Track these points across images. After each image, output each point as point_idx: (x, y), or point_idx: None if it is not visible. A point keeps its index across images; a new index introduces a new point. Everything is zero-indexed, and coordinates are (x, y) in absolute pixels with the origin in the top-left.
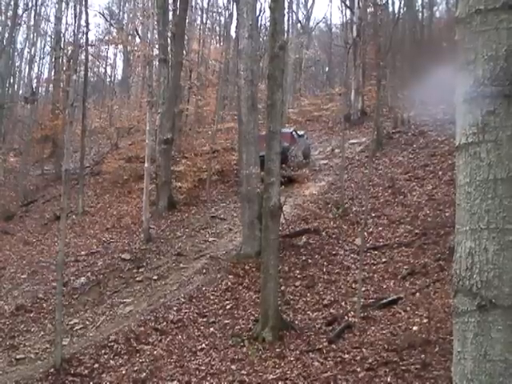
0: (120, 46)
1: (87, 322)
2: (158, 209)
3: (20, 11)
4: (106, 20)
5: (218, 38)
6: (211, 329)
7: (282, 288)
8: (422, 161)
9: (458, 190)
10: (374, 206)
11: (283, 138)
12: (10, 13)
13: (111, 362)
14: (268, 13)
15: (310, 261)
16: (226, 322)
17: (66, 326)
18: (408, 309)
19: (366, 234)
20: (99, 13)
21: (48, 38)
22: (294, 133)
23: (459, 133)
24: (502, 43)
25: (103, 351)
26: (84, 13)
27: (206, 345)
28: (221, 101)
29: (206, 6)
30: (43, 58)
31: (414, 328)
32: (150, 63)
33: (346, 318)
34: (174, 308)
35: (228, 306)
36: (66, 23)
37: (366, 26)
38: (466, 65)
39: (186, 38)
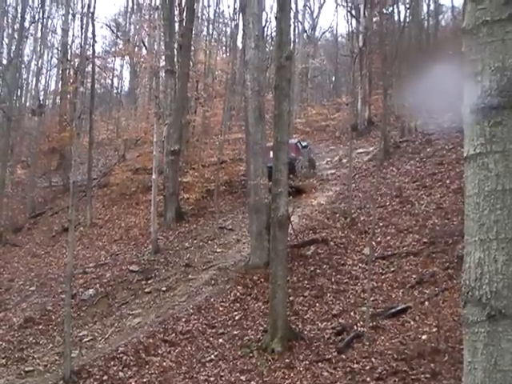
0: (127, 58)
1: (96, 334)
2: (166, 220)
3: (27, 24)
4: (113, 32)
5: (224, 48)
6: (220, 340)
7: (291, 298)
8: (429, 169)
9: (467, 201)
10: (381, 215)
11: (289, 148)
12: (16, 25)
13: (120, 373)
14: (274, 23)
15: (318, 271)
16: (235, 332)
17: (74, 338)
18: (417, 318)
19: (374, 243)
20: (106, 25)
21: (55, 50)
22: (298, 143)
23: (467, 143)
24: (509, 54)
25: (112, 363)
26: (91, 25)
27: (215, 356)
28: (228, 111)
29: (212, 16)
30: (50, 70)
31: (424, 337)
32: (157, 74)
33: (355, 327)
34: (183, 319)
35: (237, 317)
36: (73, 35)
37: (371, 35)
38: (473, 76)
39: (193, 48)
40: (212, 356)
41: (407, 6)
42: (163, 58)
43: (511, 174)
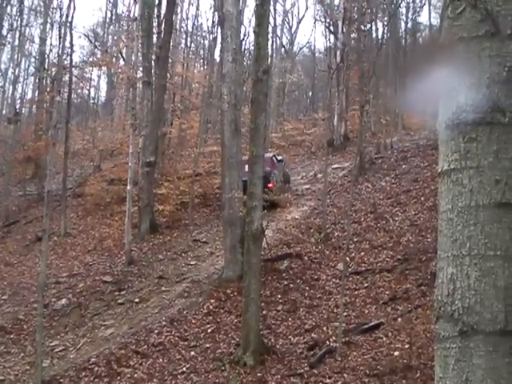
0: (104, 68)
1: (68, 344)
2: (140, 231)
3: (4, 31)
4: (91, 42)
5: (202, 61)
6: (192, 352)
7: (264, 312)
8: (404, 186)
9: (440, 217)
10: (356, 231)
11: (265, 162)
12: None
13: None
14: (252, 37)
15: (291, 285)
16: (208, 345)
17: (46, 348)
18: (390, 334)
19: (348, 258)
20: (84, 34)
21: (32, 59)
22: (274, 157)
23: (441, 159)
24: (485, 71)
25: (84, 374)
26: (68, 34)
27: (186, 368)
28: (204, 124)
29: (190, 29)
30: (27, 78)
31: (396, 353)
32: (134, 85)
33: (328, 342)
34: (155, 331)
35: (209, 330)
36: (51, 44)
37: (349, 51)
38: (448, 91)
39: (170, 60)
40: (184, 368)
41: (385, 23)
42: (140, 69)
43: (485, 190)
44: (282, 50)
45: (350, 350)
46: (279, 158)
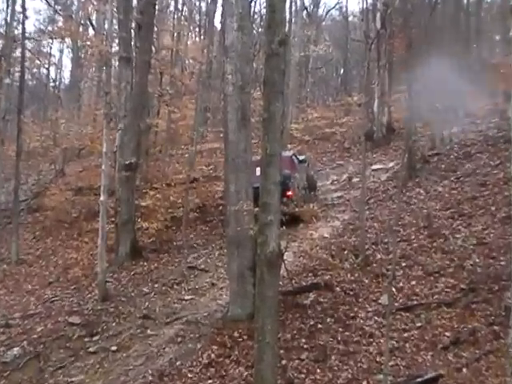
0: (68, 40)
1: None
2: (118, 257)
3: None
4: (49, 5)
5: (197, 30)
6: None
7: (283, 362)
8: (468, 192)
9: None
10: (404, 252)
11: (282, 163)
12: None
13: None
14: None
15: (319, 326)
16: None
17: None
18: None
19: (394, 289)
20: None
21: None
22: (294, 157)
23: None
24: None
25: None
26: None
27: None
28: (201, 113)
29: None
30: None
31: None
32: (108, 63)
33: None
34: None
35: None
36: None
37: (393, 13)
38: None
39: (156, 29)
40: None
41: None
42: (116, 41)
43: None
44: (304, 13)
45: None
46: (301, 157)
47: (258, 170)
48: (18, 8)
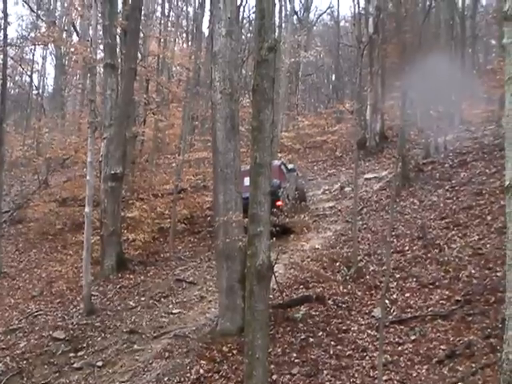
0: (51, 47)
1: None
2: (104, 269)
3: None
4: (32, 10)
5: (185, 35)
6: None
7: (274, 377)
8: (464, 202)
9: (509, 246)
10: (398, 263)
11: (271, 172)
12: None
13: None
14: (253, 1)
15: (311, 339)
16: None
17: None
18: None
19: (387, 302)
20: (23, 0)
21: None
22: (282, 166)
23: (510, 168)
24: None
25: None
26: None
27: None
28: (189, 122)
29: None
30: None
31: None
32: (93, 70)
33: None
34: None
35: None
36: None
37: (386, 18)
38: None
39: (142, 35)
40: None
41: None
42: (101, 47)
43: None
44: (295, 18)
45: None
46: (290, 166)
47: (247, 180)
48: (0, 14)
